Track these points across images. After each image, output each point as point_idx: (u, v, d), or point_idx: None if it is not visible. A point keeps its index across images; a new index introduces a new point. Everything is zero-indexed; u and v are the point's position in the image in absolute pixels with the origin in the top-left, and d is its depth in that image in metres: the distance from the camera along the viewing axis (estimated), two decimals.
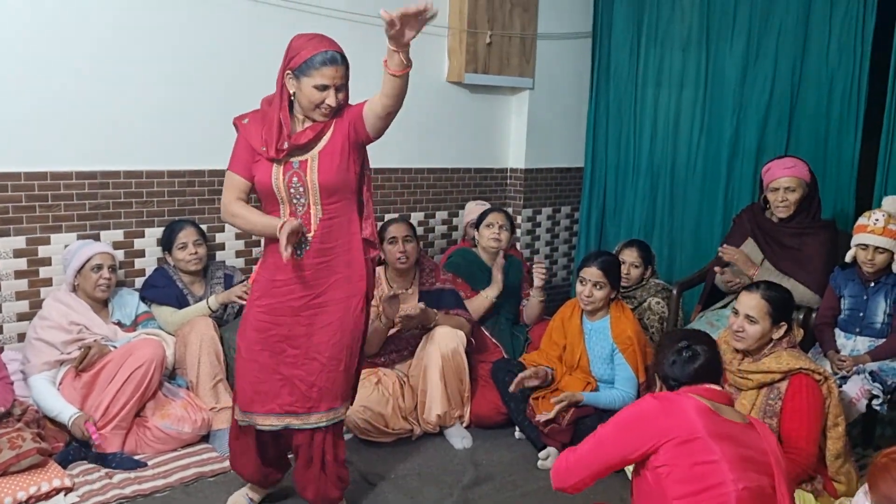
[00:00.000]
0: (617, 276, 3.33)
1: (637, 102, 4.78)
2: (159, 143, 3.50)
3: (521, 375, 3.23)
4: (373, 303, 3.42)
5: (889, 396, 2.99)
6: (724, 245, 3.60)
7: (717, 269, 3.58)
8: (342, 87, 2.37)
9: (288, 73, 2.36)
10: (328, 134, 2.40)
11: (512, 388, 3.22)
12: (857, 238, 3.12)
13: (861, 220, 3.15)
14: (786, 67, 4.11)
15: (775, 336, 2.67)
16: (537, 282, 3.82)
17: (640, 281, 3.78)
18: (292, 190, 2.38)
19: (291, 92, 2.37)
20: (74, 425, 2.94)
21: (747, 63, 4.26)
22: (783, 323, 2.67)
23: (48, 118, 3.21)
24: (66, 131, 3.26)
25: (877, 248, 3.07)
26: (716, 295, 3.76)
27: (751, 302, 2.67)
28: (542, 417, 3.15)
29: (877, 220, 3.08)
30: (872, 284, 3.14)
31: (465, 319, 3.54)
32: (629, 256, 3.75)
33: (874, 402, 2.95)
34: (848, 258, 3.19)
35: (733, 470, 1.77)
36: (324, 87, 2.32)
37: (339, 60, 2.34)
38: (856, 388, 2.98)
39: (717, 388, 1.99)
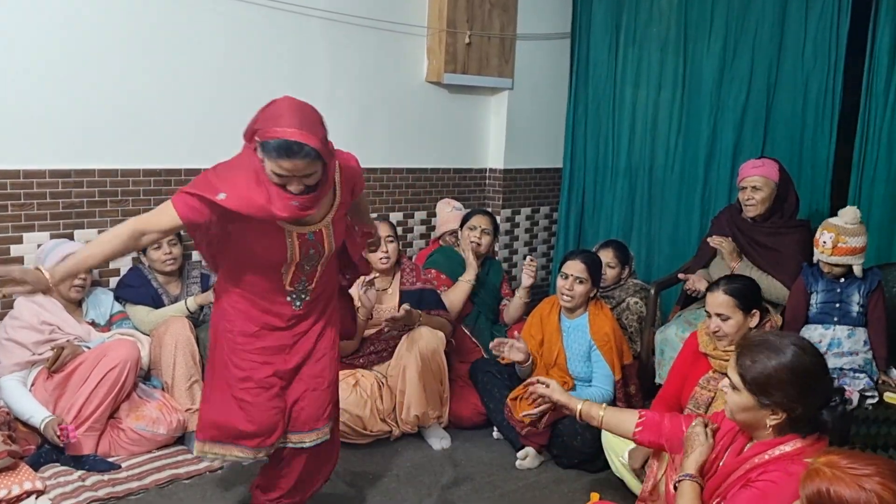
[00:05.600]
0: (598, 273, 3.35)
1: (615, 103, 4.80)
2: (134, 141, 3.46)
3: (508, 342, 3.20)
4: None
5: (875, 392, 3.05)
6: (682, 274, 3.67)
7: (680, 276, 3.64)
8: (311, 175, 2.09)
9: (256, 140, 2.09)
10: (336, 200, 2.30)
11: (494, 345, 3.21)
12: (815, 254, 3.24)
13: (816, 235, 3.23)
14: (762, 69, 4.14)
15: (752, 324, 2.74)
16: (526, 280, 3.82)
17: (618, 281, 3.79)
18: (305, 260, 2.28)
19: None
20: (47, 428, 2.89)
21: (724, 64, 4.29)
22: (754, 310, 2.76)
23: (21, 115, 3.16)
24: (40, 129, 3.21)
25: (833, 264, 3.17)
26: (693, 295, 3.79)
27: (717, 300, 2.76)
28: (524, 414, 3.11)
29: (824, 242, 3.16)
30: (843, 280, 3.21)
31: (447, 320, 3.54)
32: (605, 256, 3.75)
33: (868, 400, 3.00)
34: (815, 260, 3.27)
35: None
36: (280, 177, 2.07)
37: (298, 152, 2.01)
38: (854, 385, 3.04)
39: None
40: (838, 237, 3.12)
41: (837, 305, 3.18)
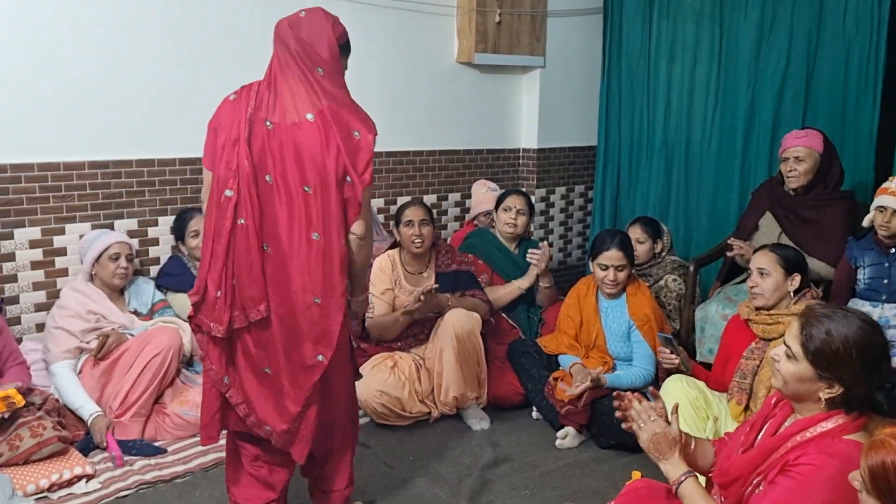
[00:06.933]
0: (632, 252, 3.31)
1: (650, 78, 4.73)
2: (170, 131, 3.50)
3: (581, 387, 3.07)
4: (385, 290, 3.44)
5: None
6: (732, 238, 3.58)
7: (731, 241, 3.56)
8: None
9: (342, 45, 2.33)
10: None
11: (582, 401, 3.09)
12: (877, 200, 3.10)
13: (885, 184, 3.12)
14: (801, 39, 4.04)
15: (790, 288, 2.71)
16: (532, 269, 3.78)
17: (651, 256, 3.74)
18: None
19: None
20: (94, 425, 2.97)
21: (762, 35, 4.19)
22: (796, 274, 2.72)
23: (60, 108, 3.21)
24: (78, 121, 3.26)
25: (895, 211, 3.04)
26: (734, 270, 3.73)
27: (762, 258, 2.78)
28: (570, 390, 3.09)
29: None
30: (893, 251, 3.10)
31: (482, 300, 3.53)
32: (633, 233, 3.68)
33: None
34: (866, 222, 3.16)
35: None
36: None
37: None
38: None
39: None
40: None
41: (885, 281, 3.10)
